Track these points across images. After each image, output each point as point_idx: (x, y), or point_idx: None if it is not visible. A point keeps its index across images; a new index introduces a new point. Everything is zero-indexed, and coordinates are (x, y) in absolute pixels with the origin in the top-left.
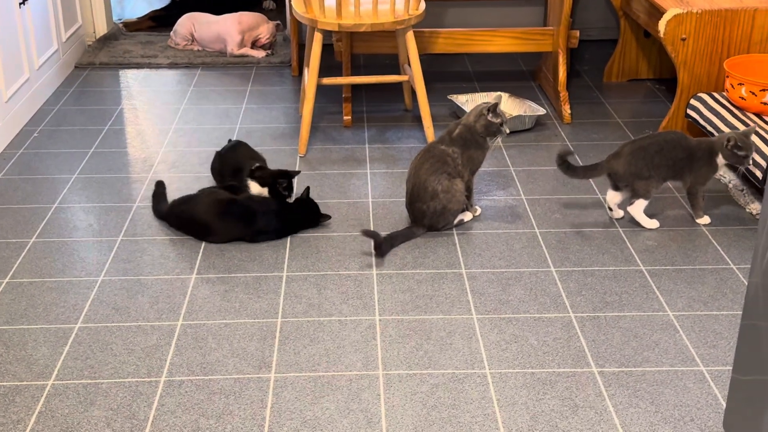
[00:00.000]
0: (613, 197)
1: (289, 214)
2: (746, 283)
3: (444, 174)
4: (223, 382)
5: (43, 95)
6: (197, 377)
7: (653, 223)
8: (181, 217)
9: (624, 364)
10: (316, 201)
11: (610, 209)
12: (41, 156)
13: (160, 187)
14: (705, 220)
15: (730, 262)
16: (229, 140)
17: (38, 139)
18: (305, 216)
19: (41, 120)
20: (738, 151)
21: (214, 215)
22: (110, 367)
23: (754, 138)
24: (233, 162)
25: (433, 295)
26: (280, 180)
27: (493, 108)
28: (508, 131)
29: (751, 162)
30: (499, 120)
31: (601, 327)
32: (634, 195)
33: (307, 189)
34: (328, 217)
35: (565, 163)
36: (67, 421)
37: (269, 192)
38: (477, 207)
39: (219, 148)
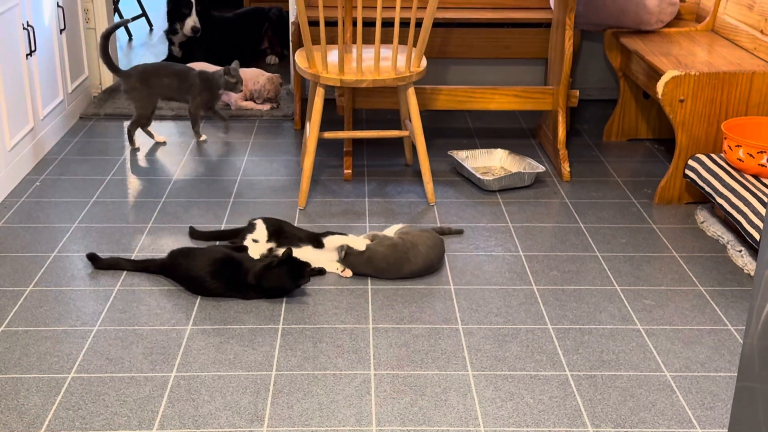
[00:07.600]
0: None
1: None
2: None
3: None
4: None
5: (46, 145)
6: (189, 430)
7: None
8: (178, 269)
9: (620, 424)
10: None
11: None
12: (42, 205)
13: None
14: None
15: (728, 323)
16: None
17: (40, 188)
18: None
19: (44, 169)
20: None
21: (208, 273)
22: (102, 418)
23: (751, 199)
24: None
25: (429, 350)
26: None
27: (227, 70)
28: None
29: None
30: (234, 80)
31: (598, 386)
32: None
33: (289, 250)
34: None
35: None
36: None
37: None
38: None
39: (220, 200)
